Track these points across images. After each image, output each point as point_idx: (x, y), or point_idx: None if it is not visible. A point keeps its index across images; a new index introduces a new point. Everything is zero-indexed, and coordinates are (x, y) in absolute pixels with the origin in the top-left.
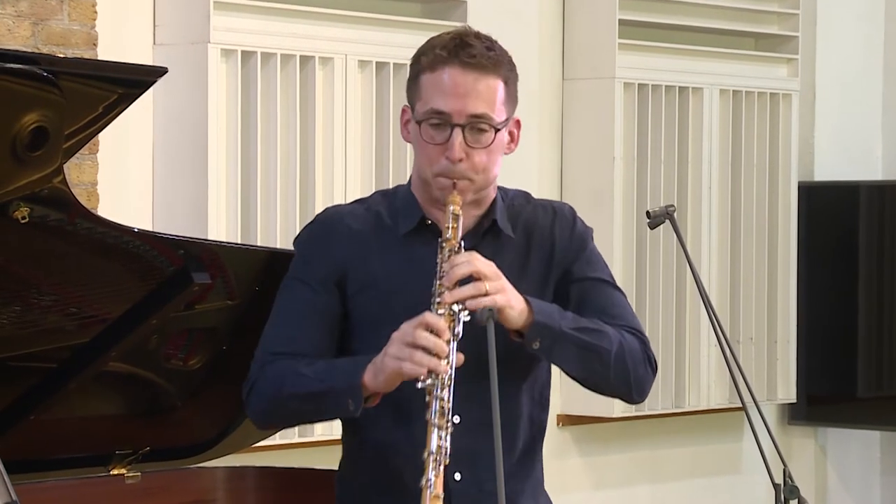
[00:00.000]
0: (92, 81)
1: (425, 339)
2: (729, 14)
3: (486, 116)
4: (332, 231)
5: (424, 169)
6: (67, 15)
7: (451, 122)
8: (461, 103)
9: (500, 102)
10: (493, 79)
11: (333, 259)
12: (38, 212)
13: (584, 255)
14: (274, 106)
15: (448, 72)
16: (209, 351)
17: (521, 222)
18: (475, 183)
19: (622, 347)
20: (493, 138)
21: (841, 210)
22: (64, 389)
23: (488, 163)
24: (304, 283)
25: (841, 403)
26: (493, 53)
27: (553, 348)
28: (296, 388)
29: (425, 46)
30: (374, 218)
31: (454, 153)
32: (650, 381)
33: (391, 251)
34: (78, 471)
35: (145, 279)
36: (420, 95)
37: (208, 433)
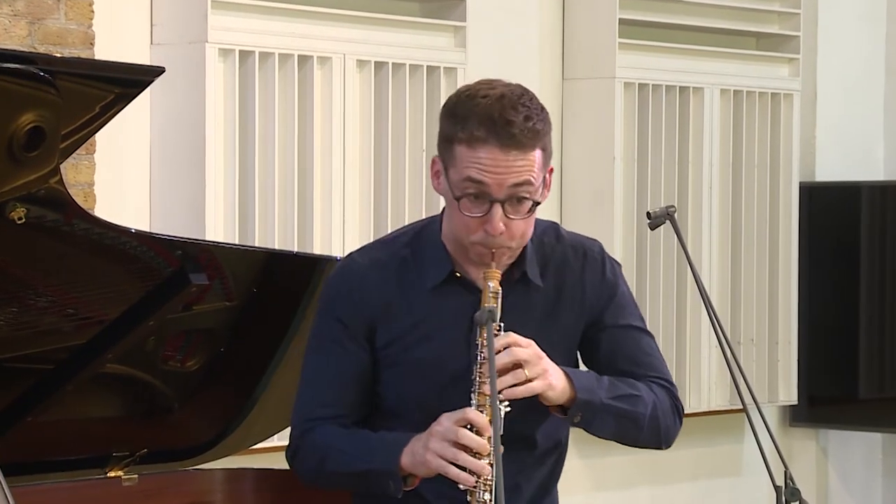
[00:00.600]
0: (89, 81)
1: (468, 438)
2: (730, 13)
3: (527, 187)
4: (357, 284)
5: (461, 235)
6: (64, 14)
7: (490, 197)
8: (501, 179)
9: (538, 168)
10: (533, 152)
11: (361, 312)
12: (35, 212)
13: (614, 302)
14: (272, 106)
15: (487, 152)
16: (207, 352)
17: (552, 268)
18: (513, 250)
19: (655, 408)
20: (532, 206)
21: (842, 211)
22: (61, 391)
23: (526, 229)
24: (333, 342)
25: (842, 405)
26: (531, 124)
27: (593, 421)
28: (337, 466)
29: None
30: (399, 266)
31: (494, 228)
32: (677, 430)
33: (419, 306)
34: (75, 473)
35: (142, 280)
36: (455, 163)
37: (206, 435)
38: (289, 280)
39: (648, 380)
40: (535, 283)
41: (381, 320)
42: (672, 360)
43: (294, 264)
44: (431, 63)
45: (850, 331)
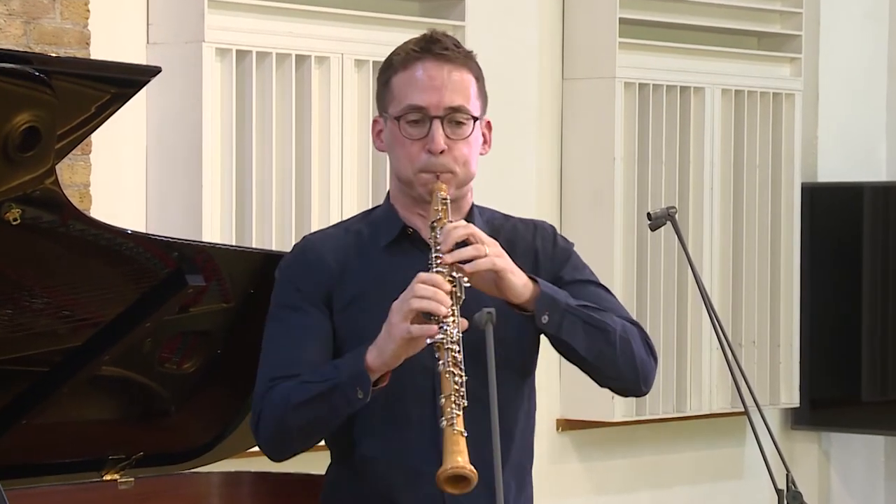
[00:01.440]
0: (84, 81)
1: (423, 289)
2: (731, 13)
3: (464, 108)
4: (312, 254)
5: (405, 168)
6: (60, 13)
7: (429, 115)
8: (438, 96)
9: (474, 96)
10: (466, 72)
11: (317, 280)
12: (30, 213)
13: (569, 263)
14: (269, 106)
15: (422, 66)
16: (204, 354)
17: (503, 237)
18: (458, 176)
19: (625, 330)
20: (472, 129)
21: (845, 212)
22: (56, 393)
23: (469, 155)
24: (292, 308)
25: (845, 407)
26: (462, 49)
27: (562, 323)
28: (301, 396)
29: (394, 51)
30: (355, 236)
31: (436, 144)
32: (653, 369)
33: (374, 264)
34: (70, 476)
35: (139, 282)
36: (393, 96)
37: (203, 438)
38: None
39: None
40: None
41: (337, 284)
42: (673, 362)
43: None
44: None
45: (853, 332)
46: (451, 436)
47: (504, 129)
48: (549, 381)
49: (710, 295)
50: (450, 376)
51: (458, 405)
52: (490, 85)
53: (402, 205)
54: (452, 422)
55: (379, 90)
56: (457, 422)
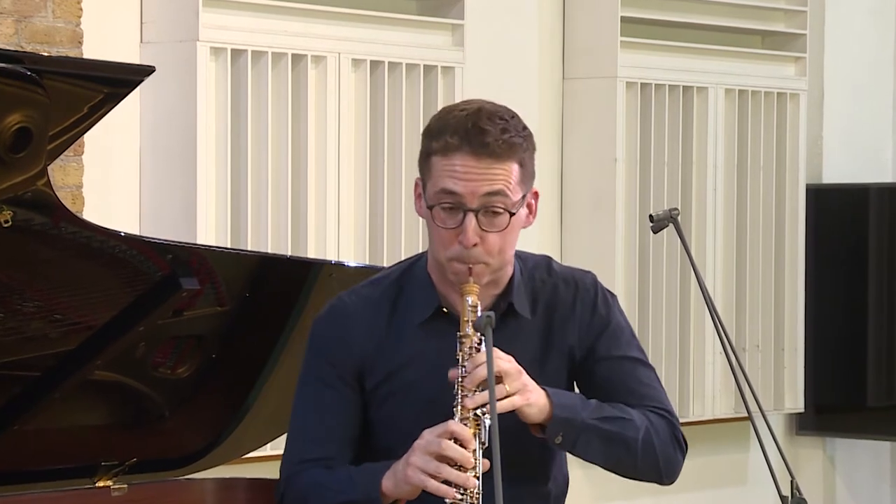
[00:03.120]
0: (77, 81)
1: (452, 450)
2: (735, 11)
3: (500, 198)
4: (346, 325)
5: (438, 252)
6: (52, 12)
7: (463, 207)
8: (473, 187)
9: (515, 183)
10: (508, 163)
11: (350, 354)
12: (22, 215)
13: (607, 333)
14: (265, 106)
15: (459, 158)
16: (198, 359)
17: (542, 302)
18: (491, 266)
19: (649, 433)
20: (509, 221)
21: (850, 213)
22: (48, 398)
23: (504, 245)
24: (323, 384)
25: (850, 413)
26: (507, 136)
27: (576, 442)
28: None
29: (438, 123)
30: (389, 305)
31: (468, 239)
32: (680, 463)
33: (407, 343)
34: (62, 483)
35: (132, 285)
36: (431, 176)
37: (197, 444)
38: (282, 285)
39: (644, 409)
40: (523, 316)
41: (370, 360)
42: (675, 367)
43: (287, 268)
44: (428, 62)
45: (858, 337)
46: None
47: None
48: None
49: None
50: None
51: None
52: (489, 85)
53: (438, 279)
54: None
55: (420, 156)
56: None
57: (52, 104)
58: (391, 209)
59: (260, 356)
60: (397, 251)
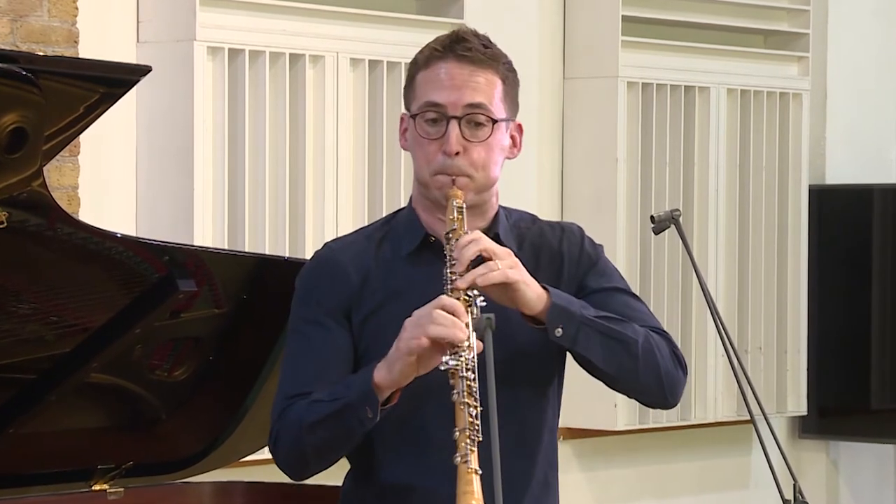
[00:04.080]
0: (73, 81)
1: (442, 317)
2: (737, 10)
3: (483, 107)
4: (332, 265)
5: (422, 169)
6: (47, 11)
7: (446, 115)
8: (457, 94)
9: (498, 98)
10: (490, 73)
11: (338, 292)
12: (17, 216)
13: (596, 269)
14: (262, 106)
15: (443, 66)
16: (195, 361)
17: (528, 242)
18: (475, 181)
19: (649, 340)
20: (491, 132)
21: (853, 214)
22: (44, 401)
23: (487, 159)
24: (312, 323)
25: (853, 416)
26: (489, 50)
27: (577, 336)
28: (314, 416)
29: (422, 49)
30: (376, 245)
31: (451, 146)
32: (681, 381)
33: (395, 274)
34: (58, 486)
35: (129, 287)
36: (415, 94)
37: (195, 447)
38: (280, 286)
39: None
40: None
41: (358, 295)
42: None
43: (285, 270)
44: None
45: (862, 339)
46: (465, 475)
47: None
48: None
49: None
50: (464, 408)
51: (472, 440)
52: None
53: (424, 208)
54: (467, 459)
55: (405, 88)
56: (471, 459)
57: (48, 104)
58: (390, 210)
59: (258, 358)
60: None
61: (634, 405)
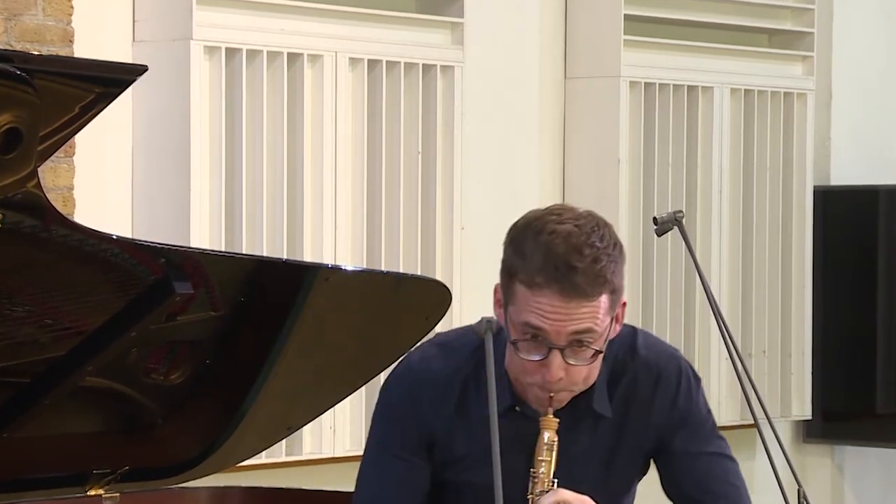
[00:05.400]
0: (68, 80)
1: None
2: (741, 9)
3: (589, 332)
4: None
5: (519, 374)
6: (42, 10)
7: (548, 343)
8: (560, 326)
9: (604, 314)
10: (598, 299)
11: (423, 427)
12: (11, 218)
13: (683, 430)
14: (260, 106)
15: (547, 298)
16: (192, 365)
17: (620, 391)
18: (574, 393)
19: None
20: (595, 355)
21: (859, 216)
22: (38, 406)
23: (589, 374)
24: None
25: (859, 420)
26: (598, 268)
27: None
28: None
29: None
30: (462, 385)
31: (552, 375)
32: None
33: (476, 431)
34: (53, 492)
35: (124, 289)
36: (515, 302)
37: (191, 451)
38: (278, 289)
39: None
40: (600, 414)
41: (440, 437)
42: None
43: (283, 272)
44: (427, 61)
45: (867, 342)
46: None
47: (505, 130)
48: None
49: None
50: None
51: None
52: (490, 85)
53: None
54: None
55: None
56: None
57: (43, 104)
58: (389, 212)
59: (255, 361)
60: (395, 254)
61: None
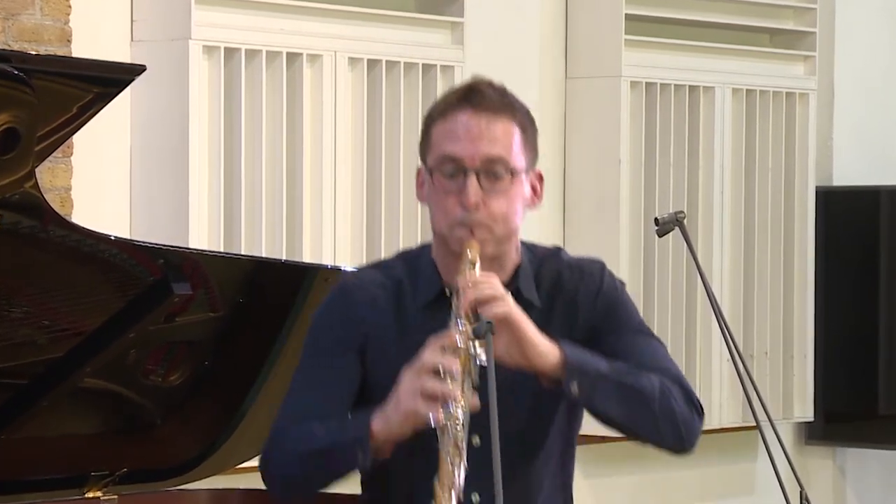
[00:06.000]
0: (66, 80)
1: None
2: (742, 9)
3: (502, 160)
4: (351, 300)
5: (440, 223)
6: (40, 9)
7: (464, 167)
8: (474, 147)
9: (517, 148)
10: (507, 123)
11: (354, 326)
12: (9, 218)
13: (612, 313)
14: (259, 106)
15: (459, 117)
16: (191, 366)
17: (546, 284)
18: (494, 233)
19: (665, 389)
20: (511, 183)
21: (861, 217)
22: (36, 407)
23: (508, 211)
24: (324, 354)
25: (861, 421)
26: (507, 99)
27: (594, 391)
28: (307, 446)
29: (437, 100)
30: (395, 286)
31: (469, 197)
32: (698, 427)
33: (410, 324)
34: (51, 493)
35: (123, 290)
36: (431, 146)
37: (190, 453)
38: (277, 289)
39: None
40: (528, 301)
41: (372, 335)
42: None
43: (282, 273)
44: (427, 61)
45: (869, 343)
46: None
47: None
48: None
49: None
50: (447, 461)
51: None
52: None
53: (442, 261)
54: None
55: (421, 141)
56: None
57: (41, 104)
58: (388, 213)
59: (254, 362)
60: None
61: None
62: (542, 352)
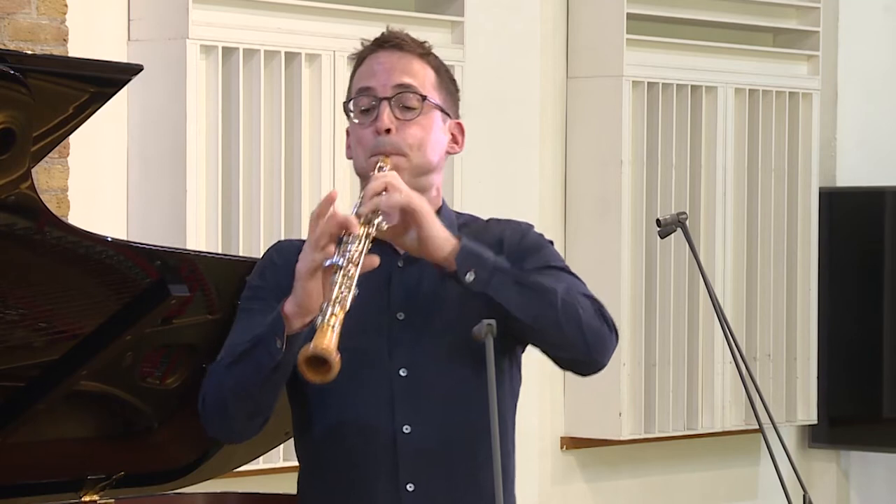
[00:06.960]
0: (62, 80)
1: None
2: (745, 8)
3: (413, 88)
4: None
5: (359, 158)
6: (36, 8)
7: (377, 97)
8: (387, 76)
9: (430, 84)
10: (419, 61)
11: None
12: (4, 220)
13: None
14: (257, 106)
15: (373, 58)
16: (188, 369)
17: (469, 232)
18: (410, 160)
19: (569, 293)
20: (422, 111)
21: (865, 217)
22: (32, 410)
23: (424, 139)
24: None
25: (864, 425)
26: (423, 47)
27: (490, 280)
28: (230, 357)
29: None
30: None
31: (382, 122)
32: (608, 337)
33: None
34: (47, 497)
35: (119, 292)
36: (350, 90)
37: (187, 457)
38: None
39: None
40: None
41: None
42: (683, 376)
43: None
44: None
45: (873, 346)
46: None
47: (505, 131)
48: (552, 398)
49: (722, 306)
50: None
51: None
52: (490, 84)
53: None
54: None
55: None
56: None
57: (37, 104)
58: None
59: None
60: None
61: (640, 414)
62: (440, 243)
